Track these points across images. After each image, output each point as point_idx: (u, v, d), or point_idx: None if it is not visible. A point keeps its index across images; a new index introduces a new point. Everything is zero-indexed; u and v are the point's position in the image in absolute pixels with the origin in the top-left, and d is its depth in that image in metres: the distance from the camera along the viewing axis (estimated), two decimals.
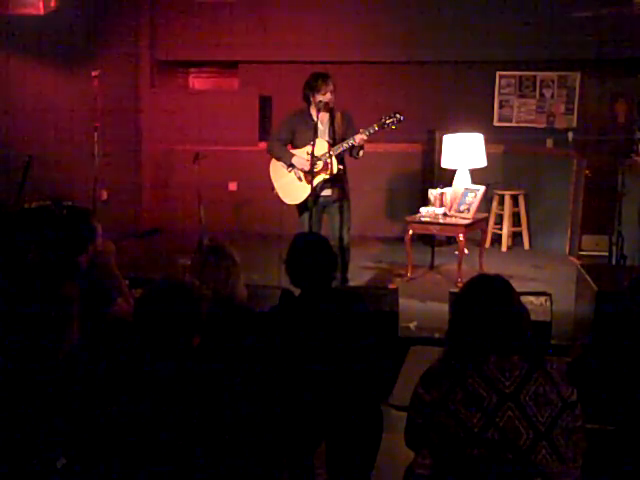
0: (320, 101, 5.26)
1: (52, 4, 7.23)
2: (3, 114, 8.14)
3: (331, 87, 5.28)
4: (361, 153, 5.39)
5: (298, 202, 5.44)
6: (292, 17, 8.25)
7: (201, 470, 2.13)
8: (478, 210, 6.53)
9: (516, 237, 7.97)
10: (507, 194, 7.81)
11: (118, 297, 3.48)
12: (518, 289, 2.36)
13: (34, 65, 8.23)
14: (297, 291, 3.16)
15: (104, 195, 8.31)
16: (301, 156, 5.34)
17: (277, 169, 5.54)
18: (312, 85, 5.30)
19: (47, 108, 8.16)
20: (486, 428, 2.12)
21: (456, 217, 6.42)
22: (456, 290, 4.11)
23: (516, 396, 2.14)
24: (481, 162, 7.03)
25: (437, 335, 4.86)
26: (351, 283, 5.65)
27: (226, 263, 3.09)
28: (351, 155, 5.42)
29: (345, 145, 5.28)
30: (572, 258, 7.24)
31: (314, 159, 5.16)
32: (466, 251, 6.40)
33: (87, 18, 8.09)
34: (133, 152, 8.66)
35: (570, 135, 7.91)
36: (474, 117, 7.74)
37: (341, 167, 5.39)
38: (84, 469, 2.20)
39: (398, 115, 5.29)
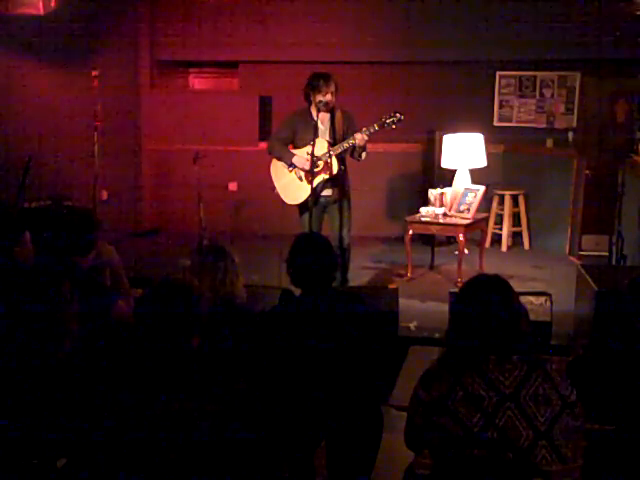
0: (320, 101, 5.24)
1: (52, 4, 7.22)
2: (3, 114, 8.14)
3: (332, 88, 5.26)
4: (364, 155, 5.37)
5: (299, 202, 5.44)
6: (292, 17, 8.24)
7: (201, 470, 2.13)
8: (478, 210, 6.52)
9: (516, 237, 7.97)
10: (507, 194, 7.81)
11: (118, 299, 3.49)
12: (518, 289, 2.36)
13: (34, 65, 8.22)
14: (297, 291, 3.16)
15: (104, 195, 8.31)
16: (302, 156, 5.33)
17: (278, 169, 5.53)
18: (313, 85, 5.28)
19: (47, 108, 8.15)
20: (486, 428, 2.12)
21: (456, 217, 6.42)
22: (456, 290, 4.11)
23: (516, 396, 2.14)
24: (481, 162, 7.03)
25: (437, 335, 4.86)
26: (351, 283, 5.64)
27: (225, 263, 3.09)
28: (353, 157, 5.40)
29: (345, 145, 5.27)
30: (572, 258, 7.24)
31: (314, 159, 5.15)
32: (466, 251, 6.39)
33: (87, 18, 8.09)
34: (133, 152, 8.65)
35: (570, 135, 7.90)
36: (474, 117, 7.74)
37: (342, 167, 5.39)
38: (84, 469, 2.20)
39: (398, 114, 5.29)
